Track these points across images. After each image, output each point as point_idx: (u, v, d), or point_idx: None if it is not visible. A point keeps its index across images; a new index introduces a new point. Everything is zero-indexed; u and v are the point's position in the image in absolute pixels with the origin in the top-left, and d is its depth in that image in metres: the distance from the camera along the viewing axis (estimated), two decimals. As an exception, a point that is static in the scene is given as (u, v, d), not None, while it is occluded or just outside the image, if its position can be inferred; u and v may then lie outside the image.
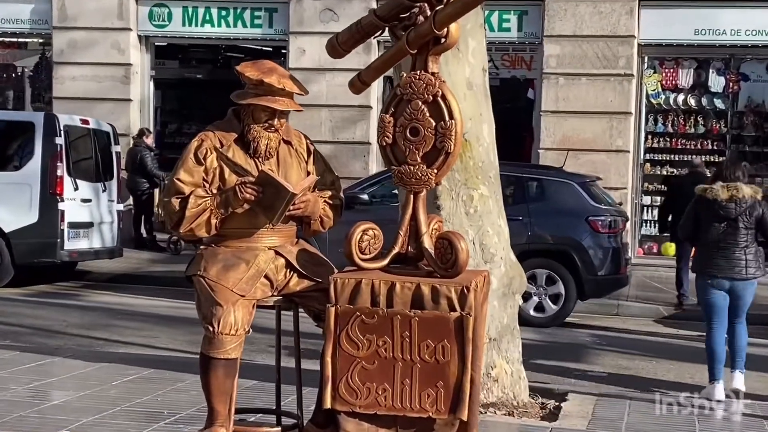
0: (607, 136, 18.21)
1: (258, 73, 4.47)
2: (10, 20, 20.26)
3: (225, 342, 4.39)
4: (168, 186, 4.57)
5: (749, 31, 18.06)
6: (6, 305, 13.12)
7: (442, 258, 4.47)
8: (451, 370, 4.33)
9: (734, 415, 7.81)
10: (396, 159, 4.57)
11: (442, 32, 4.42)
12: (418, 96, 4.51)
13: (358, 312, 4.37)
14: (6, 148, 15.25)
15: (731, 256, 8.99)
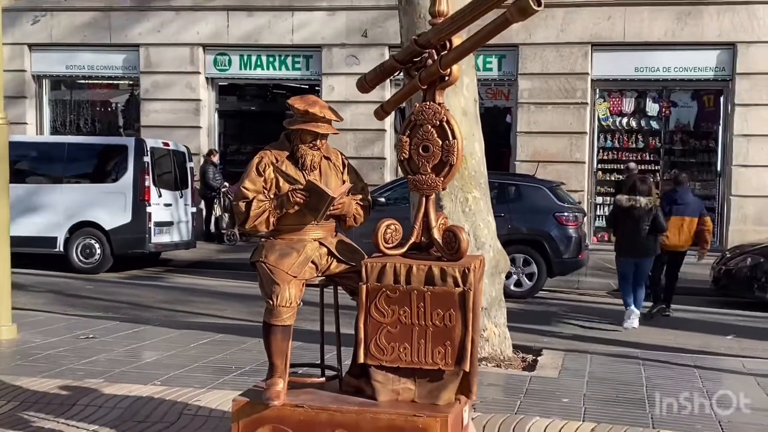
0: (568, 151, 18.18)
1: (304, 105, 4.47)
2: (108, 67, 20.33)
3: (282, 312, 4.38)
4: (236, 193, 4.57)
5: (677, 68, 18.07)
6: (107, 286, 13.20)
7: (448, 246, 4.45)
8: (456, 332, 4.31)
9: (671, 364, 7.78)
10: (411, 170, 4.56)
11: (447, 72, 4.40)
12: (428, 121, 4.49)
13: (384, 288, 4.36)
14: (105, 165, 15.31)
15: (637, 243, 10.75)
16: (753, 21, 17.34)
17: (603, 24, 17.92)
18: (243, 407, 4.43)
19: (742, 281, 12.71)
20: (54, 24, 20.06)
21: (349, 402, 4.40)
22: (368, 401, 4.39)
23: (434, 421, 4.22)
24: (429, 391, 4.38)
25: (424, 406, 4.34)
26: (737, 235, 17.13)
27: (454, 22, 4.26)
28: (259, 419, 4.38)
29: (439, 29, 4.34)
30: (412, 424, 4.23)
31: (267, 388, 4.39)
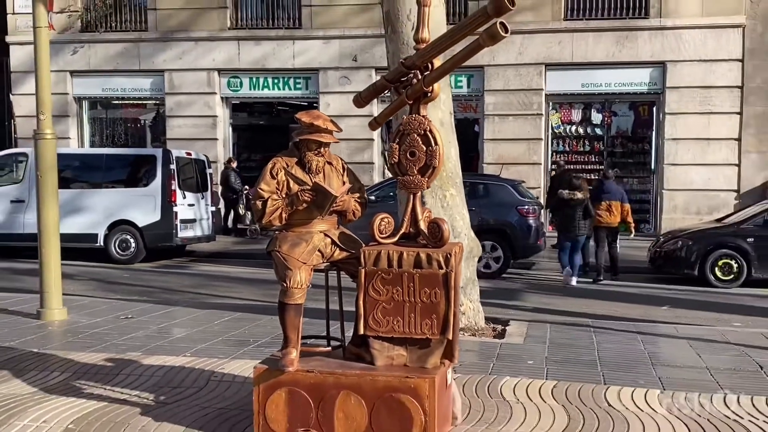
0: (527, 155, 18.22)
1: (310, 119, 4.46)
2: (137, 89, 20.24)
3: (294, 293, 4.37)
4: (254, 193, 4.55)
5: (617, 84, 18.16)
6: (141, 274, 13.13)
7: (432, 235, 4.46)
8: (441, 307, 4.32)
9: (617, 331, 7.81)
10: (400, 172, 4.56)
11: (429, 89, 4.41)
12: (414, 131, 4.49)
13: (379, 271, 4.36)
14: (137, 172, 15.20)
15: (574, 226, 12.27)
16: (680, 43, 17.42)
17: (554, 48, 17.94)
18: (262, 373, 4.43)
19: (674, 260, 12.78)
20: (91, 54, 19.93)
21: (352, 367, 4.41)
22: (368, 366, 4.40)
23: (423, 382, 4.23)
24: (418, 357, 4.39)
25: (414, 369, 4.35)
26: (669, 222, 17.23)
27: (435, 47, 4.27)
28: (276, 383, 4.38)
29: (422, 53, 4.35)
30: (405, 384, 4.24)
31: (282, 357, 4.39)
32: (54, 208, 8.09)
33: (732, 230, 12.76)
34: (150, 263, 14.50)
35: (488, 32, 3.84)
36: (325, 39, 18.78)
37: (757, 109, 17.38)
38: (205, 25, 19.30)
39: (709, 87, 17.40)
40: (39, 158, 8.03)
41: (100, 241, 14.51)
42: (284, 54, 19.04)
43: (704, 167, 17.56)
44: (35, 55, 7.99)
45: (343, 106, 18.05)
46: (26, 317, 8.07)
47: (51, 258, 8.04)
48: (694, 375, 6.04)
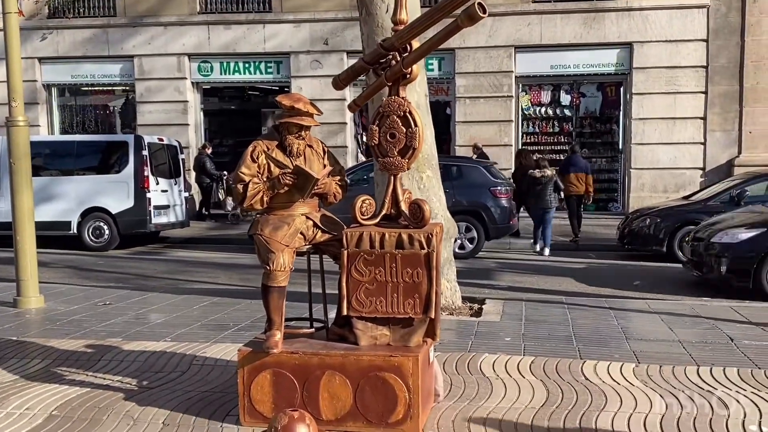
0: (498, 136, 18.27)
1: (291, 102, 4.44)
2: (107, 75, 19.91)
3: (278, 276, 4.37)
4: (234, 177, 4.52)
5: (585, 65, 18.22)
6: (116, 261, 13.00)
7: (413, 216, 4.47)
8: (423, 287, 4.34)
9: (590, 307, 7.90)
10: (381, 153, 4.56)
11: (408, 70, 4.40)
12: (394, 112, 4.49)
13: (362, 253, 4.37)
14: (109, 158, 15.00)
15: (544, 200, 13.60)
16: (646, 24, 17.55)
17: (524, 30, 17.98)
18: (247, 355, 4.42)
19: (643, 238, 12.93)
20: (60, 40, 19.57)
21: (335, 347, 4.42)
22: (351, 346, 4.41)
23: (407, 360, 4.26)
24: (401, 336, 4.42)
25: (398, 348, 4.38)
26: (636, 201, 17.43)
27: (414, 28, 4.26)
28: (261, 365, 4.39)
29: (400, 35, 4.34)
30: (389, 363, 4.27)
31: (267, 339, 4.39)
32: (29, 195, 7.97)
33: (699, 207, 12.93)
34: (124, 250, 14.36)
35: (466, 13, 3.84)
36: (295, 23, 18.63)
37: (722, 88, 17.59)
38: (174, 10, 19.02)
39: (675, 67, 17.56)
40: (12, 146, 7.89)
41: (73, 229, 14.33)
42: (255, 38, 18.86)
43: (670, 146, 17.76)
44: (5, 41, 7.84)
45: (315, 90, 17.95)
46: (2, 305, 7.97)
47: (26, 246, 7.93)
48: (666, 348, 6.14)
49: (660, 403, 4.78)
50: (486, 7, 3.79)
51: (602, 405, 4.76)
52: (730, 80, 17.55)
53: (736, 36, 17.45)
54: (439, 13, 4.02)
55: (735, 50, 17.48)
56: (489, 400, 4.85)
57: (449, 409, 4.70)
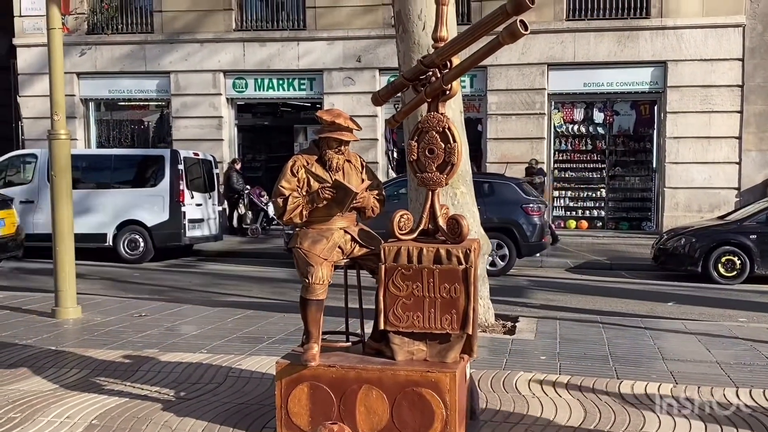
0: (530, 153, 18.20)
1: (331, 117, 4.47)
2: (143, 91, 20.24)
3: (316, 289, 4.38)
4: (274, 191, 4.55)
5: (618, 83, 18.15)
6: (151, 273, 13.13)
7: (451, 231, 4.47)
8: (461, 302, 4.33)
9: (626, 327, 7.82)
10: (419, 169, 4.57)
11: (448, 87, 4.42)
12: (433, 128, 4.50)
13: (400, 267, 4.37)
14: (145, 172, 15.20)
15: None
16: (680, 43, 17.43)
17: (556, 47, 17.95)
18: (285, 368, 4.44)
19: (678, 257, 12.78)
20: (98, 56, 19.93)
21: (372, 362, 4.42)
22: (388, 361, 4.40)
23: (444, 376, 4.24)
24: (438, 351, 4.40)
25: (434, 363, 4.36)
26: (671, 220, 17.24)
27: (454, 45, 4.28)
28: (298, 377, 4.40)
29: (441, 51, 4.35)
30: (426, 378, 4.25)
31: (304, 352, 4.40)
32: (68, 208, 8.09)
33: (734, 227, 12.76)
34: (158, 262, 14.50)
35: (508, 30, 3.85)
36: (329, 40, 18.79)
37: (757, 107, 17.39)
38: (210, 27, 19.30)
39: (710, 86, 17.40)
40: (53, 159, 8.03)
41: (109, 241, 14.50)
42: (289, 55, 19.04)
43: (705, 165, 17.56)
44: (49, 56, 8.00)
45: (347, 107, 18.04)
46: (41, 316, 8.08)
47: (65, 257, 8.05)
48: (704, 369, 6.05)
49: (699, 426, 4.71)
50: (528, 25, 3.80)
51: (641, 425, 4.70)
52: (766, 100, 17.35)
53: (773, 55, 17.26)
54: (481, 29, 4.04)
55: (771, 69, 17.28)
56: (526, 418, 4.81)
57: (486, 427, 4.67)
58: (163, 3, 19.48)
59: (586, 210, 18.81)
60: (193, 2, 19.35)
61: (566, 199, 18.86)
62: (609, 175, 18.71)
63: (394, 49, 7.77)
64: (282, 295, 10.35)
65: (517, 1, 3.76)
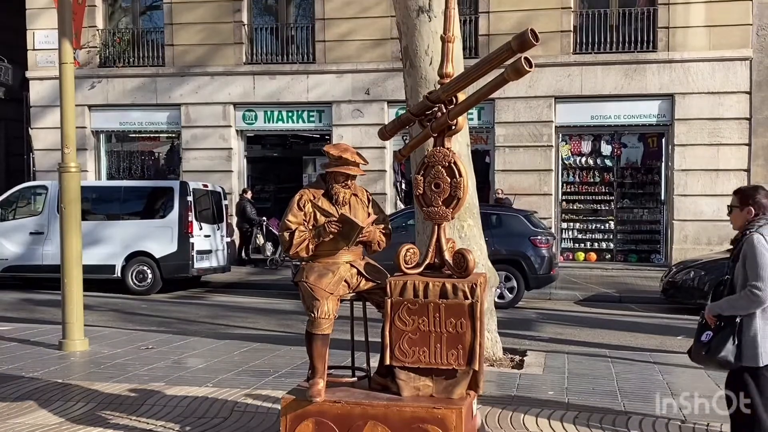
0: (538, 185, 18.21)
1: (338, 152, 4.50)
2: (154, 123, 20.38)
3: (322, 323, 4.38)
4: (281, 225, 4.57)
5: (626, 116, 18.15)
6: (158, 305, 13.12)
7: (457, 265, 4.47)
8: (467, 337, 4.32)
9: (635, 361, 7.75)
10: (425, 203, 4.59)
11: (454, 122, 4.45)
12: (439, 163, 4.53)
13: (406, 301, 4.37)
14: (155, 204, 15.25)
15: None
16: (688, 76, 17.49)
17: (564, 81, 18.04)
18: (290, 403, 4.42)
19: (687, 290, 12.67)
20: (109, 88, 20.15)
21: (378, 397, 4.40)
22: (394, 396, 4.39)
23: (450, 413, 4.22)
24: (445, 387, 4.38)
25: (441, 399, 4.34)
26: (680, 253, 17.15)
27: (459, 81, 4.33)
28: (303, 413, 4.38)
29: (447, 87, 4.40)
30: (432, 415, 4.23)
31: (310, 387, 4.39)
32: (77, 239, 8.13)
33: (744, 260, 12.66)
34: (166, 294, 14.49)
35: (513, 67, 3.89)
36: (338, 73, 18.95)
37: (766, 140, 17.38)
38: (221, 61, 19.50)
39: (718, 119, 17.42)
40: (63, 191, 8.09)
41: (117, 272, 14.50)
42: (298, 88, 19.20)
43: (714, 198, 17.49)
44: (60, 90, 8.10)
45: (355, 138, 18.15)
46: (48, 348, 8.08)
47: (73, 289, 8.07)
48: (714, 405, 5.97)
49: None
50: (532, 62, 3.84)
51: (649, 463, 4.64)
52: (775, 132, 17.34)
53: (780, 88, 17.29)
54: (486, 66, 4.09)
55: (779, 102, 17.31)
56: (532, 454, 4.77)
57: (492, 463, 4.63)
58: (175, 37, 19.72)
59: (594, 242, 18.74)
60: (204, 36, 19.58)
61: (575, 231, 18.80)
62: (617, 207, 18.67)
63: (401, 82, 7.83)
64: (289, 327, 10.33)
65: (521, 39, 3.81)
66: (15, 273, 14.92)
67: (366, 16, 18.72)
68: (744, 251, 4.36)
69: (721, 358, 4.38)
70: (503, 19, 18.03)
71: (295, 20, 20.05)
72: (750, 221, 4.44)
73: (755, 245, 4.29)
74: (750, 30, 17.29)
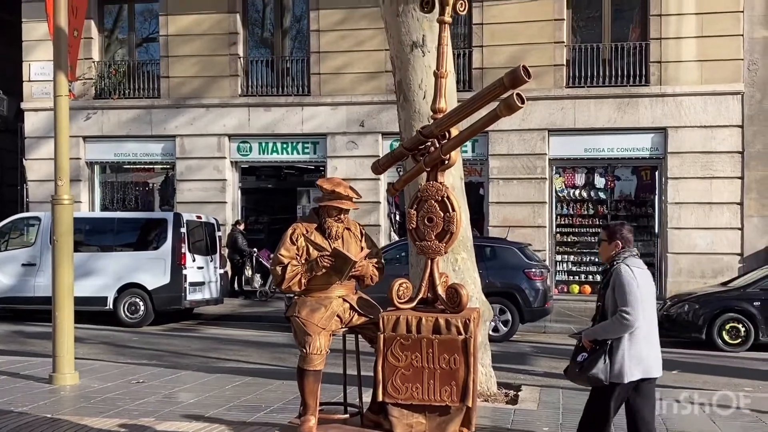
0: (532, 218, 18.23)
1: (331, 186, 4.52)
2: (149, 154, 20.39)
3: (314, 359, 4.35)
4: (274, 259, 4.56)
5: (619, 149, 18.22)
6: (150, 337, 13.03)
7: (450, 300, 4.45)
8: (460, 373, 4.28)
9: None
10: (418, 237, 4.57)
11: (447, 157, 4.46)
12: (432, 197, 4.52)
13: (398, 337, 4.34)
14: (148, 235, 15.23)
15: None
16: (680, 110, 17.62)
17: (557, 114, 18.16)
18: (281, 440, 4.37)
19: (682, 324, 12.67)
20: (104, 120, 20.19)
21: (370, 434, 4.35)
22: (387, 433, 4.34)
23: (443, 450, 4.17)
24: (438, 424, 4.33)
25: (434, 436, 4.29)
26: (674, 285, 17.14)
27: (452, 117, 4.34)
28: (295, 450, 4.33)
29: (439, 123, 4.42)
30: (425, 452, 4.18)
31: (301, 424, 4.35)
32: (69, 272, 8.10)
33: (738, 294, 12.69)
34: (158, 326, 14.39)
35: (505, 103, 3.92)
36: (333, 105, 19.04)
37: (758, 173, 17.47)
38: (216, 93, 19.58)
39: (711, 152, 17.51)
40: (56, 223, 8.08)
41: (109, 304, 14.39)
42: (293, 120, 19.27)
43: (708, 231, 17.55)
44: (55, 123, 8.12)
45: (350, 170, 18.20)
46: (38, 381, 8.01)
47: (65, 322, 8.01)
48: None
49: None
50: (524, 98, 3.86)
51: (645, 501, 4.59)
52: (766, 166, 17.43)
53: (772, 122, 17.43)
54: (479, 102, 4.11)
55: (771, 136, 17.44)
56: (527, 492, 4.71)
57: (486, 502, 4.57)
58: (171, 69, 19.82)
59: (589, 274, 18.70)
60: (200, 68, 19.69)
61: (569, 264, 18.79)
62: (610, 240, 18.66)
63: (396, 114, 7.88)
64: (281, 360, 10.25)
65: (514, 75, 3.84)
66: (6, 305, 14.81)
67: (361, 50, 18.87)
68: (613, 280, 4.82)
69: (591, 374, 4.77)
70: (497, 53, 18.20)
71: (291, 53, 20.18)
72: (617, 253, 4.96)
73: (623, 275, 4.79)
74: (741, 65, 17.47)
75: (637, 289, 4.72)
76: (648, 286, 4.88)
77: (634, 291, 4.71)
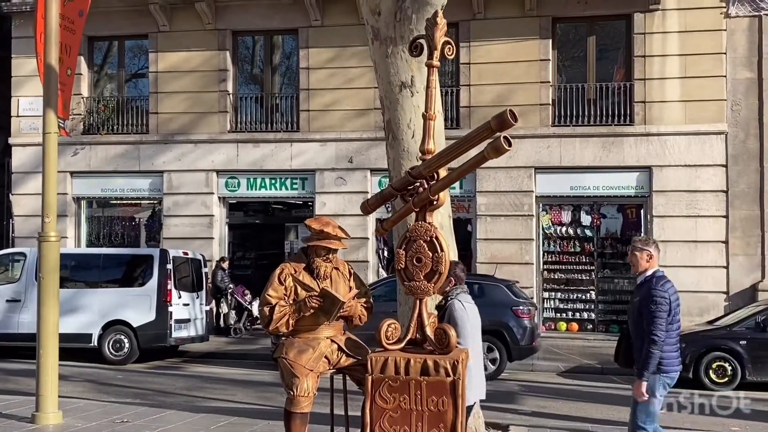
0: (519, 254, 18.28)
1: (320, 226, 4.53)
2: (136, 189, 20.37)
3: (301, 401, 4.33)
4: (261, 299, 4.55)
5: (604, 187, 18.38)
6: (135, 375, 12.88)
7: (439, 342, 4.44)
8: (449, 415, 4.26)
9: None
10: (406, 277, 4.57)
11: (435, 197, 4.49)
12: (420, 237, 4.53)
13: (387, 378, 4.32)
14: (134, 271, 15.14)
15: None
16: (665, 149, 17.82)
17: (543, 152, 18.32)
18: (267, 483, 4.32)
19: (669, 363, 12.63)
20: (92, 155, 20.18)
21: (358, 477, 4.31)
22: (374, 476, 4.29)
23: (431, 493, 4.13)
24: (426, 466, 4.30)
25: (422, 479, 4.25)
26: (661, 323, 17.14)
27: (441, 158, 4.39)
28: (281, 493, 4.27)
29: (428, 164, 4.45)
30: (413, 496, 4.14)
31: (288, 466, 4.30)
32: (54, 311, 8.03)
33: (724, 333, 12.72)
34: (143, 364, 14.24)
35: (492, 146, 3.96)
36: (321, 141, 19.14)
37: (743, 212, 17.63)
38: (205, 128, 19.65)
39: (695, 191, 17.68)
40: (42, 260, 8.03)
41: (94, 342, 14.26)
42: (282, 155, 19.33)
43: (693, 269, 17.63)
44: (43, 160, 8.12)
45: (338, 206, 18.24)
46: (20, 421, 7.89)
47: (49, 361, 7.92)
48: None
49: None
50: (511, 141, 3.91)
51: None
52: (751, 205, 17.61)
53: (755, 162, 17.63)
54: (467, 144, 4.16)
55: (755, 176, 17.62)
56: None
57: None
58: (160, 105, 19.90)
59: (576, 312, 18.73)
60: (189, 105, 19.77)
61: (556, 301, 18.81)
62: (598, 278, 18.74)
63: (384, 150, 7.92)
64: (267, 400, 10.15)
65: (500, 119, 3.89)
66: (-11, 342, 14.65)
67: (350, 87, 19.03)
68: (449, 314, 5.62)
69: None
70: (483, 92, 18.41)
71: (280, 90, 20.32)
72: (450, 290, 5.82)
73: (456, 310, 5.69)
74: (724, 105, 17.74)
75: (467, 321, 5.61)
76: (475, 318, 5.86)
77: (465, 324, 5.60)
